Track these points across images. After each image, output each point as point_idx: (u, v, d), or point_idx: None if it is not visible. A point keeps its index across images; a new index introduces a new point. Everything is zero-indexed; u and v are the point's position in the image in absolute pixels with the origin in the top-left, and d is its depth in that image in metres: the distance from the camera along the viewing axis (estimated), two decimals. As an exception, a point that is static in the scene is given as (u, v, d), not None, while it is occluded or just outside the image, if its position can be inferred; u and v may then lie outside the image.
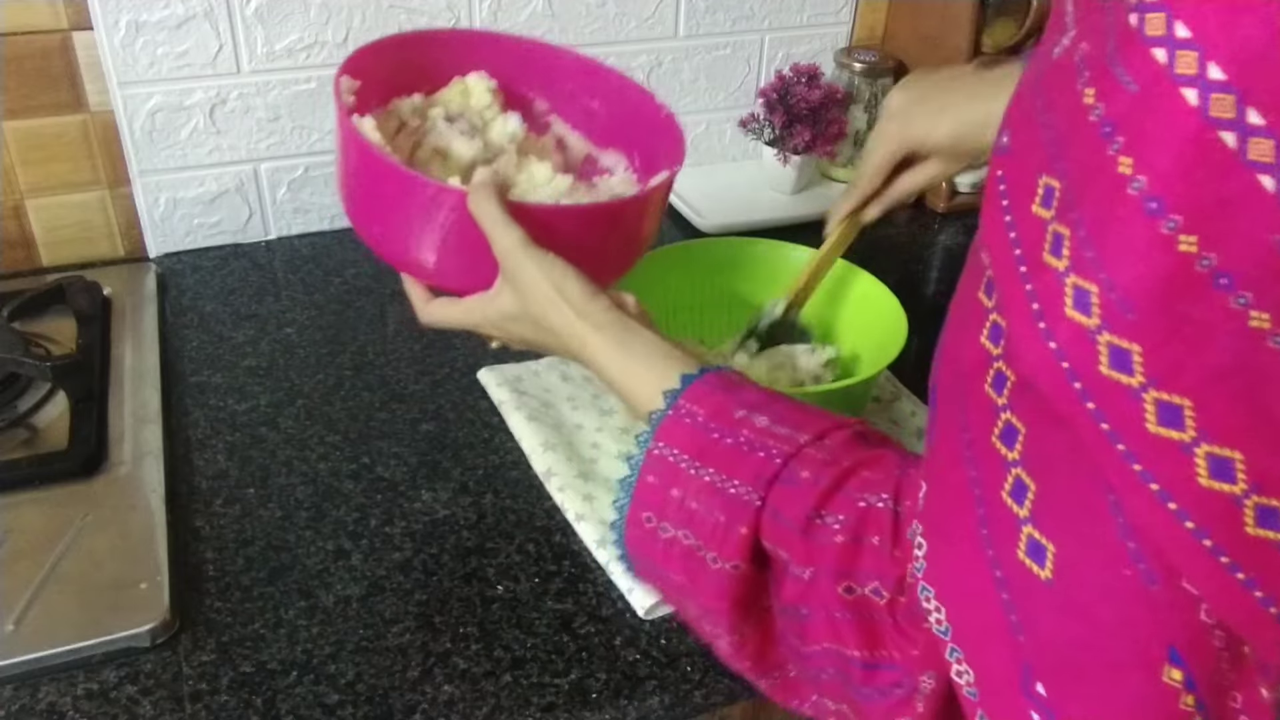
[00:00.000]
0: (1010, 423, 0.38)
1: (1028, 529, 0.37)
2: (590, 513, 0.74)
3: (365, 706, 0.61)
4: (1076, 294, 0.33)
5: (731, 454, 0.52)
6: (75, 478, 0.74)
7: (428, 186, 0.63)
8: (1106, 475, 0.34)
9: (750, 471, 0.51)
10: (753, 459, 0.51)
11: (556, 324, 0.61)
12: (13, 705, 0.60)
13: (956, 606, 0.41)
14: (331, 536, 0.73)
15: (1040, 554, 0.37)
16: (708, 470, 0.52)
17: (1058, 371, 0.34)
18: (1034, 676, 0.38)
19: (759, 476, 0.50)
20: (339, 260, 1.07)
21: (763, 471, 0.51)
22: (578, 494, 0.75)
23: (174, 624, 0.65)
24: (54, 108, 0.96)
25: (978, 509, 0.39)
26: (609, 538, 0.72)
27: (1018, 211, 0.36)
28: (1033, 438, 0.37)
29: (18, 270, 1.01)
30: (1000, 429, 0.38)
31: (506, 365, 0.89)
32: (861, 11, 1.26)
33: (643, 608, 0.67)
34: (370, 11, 1.02)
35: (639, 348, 0.59)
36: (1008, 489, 0.38)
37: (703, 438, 0.53)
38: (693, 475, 0.53)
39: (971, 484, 0.40)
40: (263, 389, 0.87)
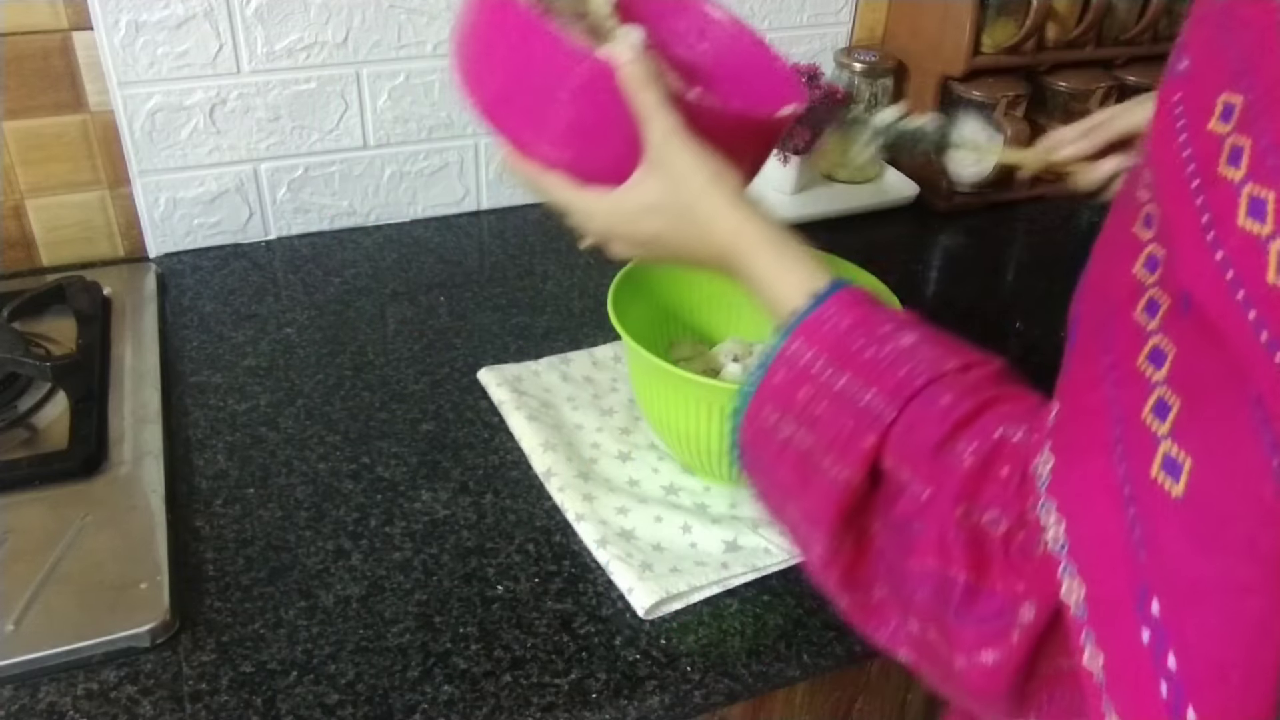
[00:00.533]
0: (1158, 346, 0.37)
1: (1165, 444, 0.36)
2: (590, 513, 0.74)
3: (365, 706, 0.61)
4: (1251, 203, 0.33)
5: (871, 365, 0.51)
6: (75, 478, 0.74)
7: (584, 58, 0.56)
8: (1259, 388, 0.33)
9: (890, 385, 0.50)
10: (893, 374, 0.50)
11: (707, 213, 0.58)
12: (13, 705, 0.60)
13: (1078, 520, 0.40)
14: (331, 536, 0.73)
15: (1175, 470, 0.36)
16: (844, 375, 0.51)
17: (1220, 282, 0.33)
18: (1150, 594, 0.37)
19: (898, 392, 0.49)
20: (339, 260, 1.07)
21: (902, 388, 0.49)
22: (578, 494, 0.75)
23: (174, 624, 0.65)
24: (54, 108, 0.96)
25: (1114, 427, 0.39)
26: (607, 536, 0.72)
27: (1193, 131, 0.36)
28: (1182, 357, 0.36)
29: (18, 270, 1.01)
30: (1147, 352, 0.38)
31: (506, 365, 0.89)
32: (861, 11, 1.26)
33: (643, 607, 0.67)
34: (370, 11, 1.02)
35: (792, 249, 0.58)
36: (1149, 407, 0.37)
37: (844, 343, 0.52)
38: (826, 379, 0.51)
39: (1109, 403, 0.39)
40: (263, 389, 0.87)
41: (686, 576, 0.69)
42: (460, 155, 1.15)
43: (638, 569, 0.69)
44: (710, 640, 0.67)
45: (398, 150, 1.11)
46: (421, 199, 1.16)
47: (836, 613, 0.57)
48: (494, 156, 1.17)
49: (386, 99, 1.08)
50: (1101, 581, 0.39)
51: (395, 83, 1.07)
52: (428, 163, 1.14)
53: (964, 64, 1.17)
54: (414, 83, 1.08)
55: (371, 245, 1.11)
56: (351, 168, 1.10)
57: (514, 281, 1.06)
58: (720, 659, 0.65)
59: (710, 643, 0.66)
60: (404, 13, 1.04)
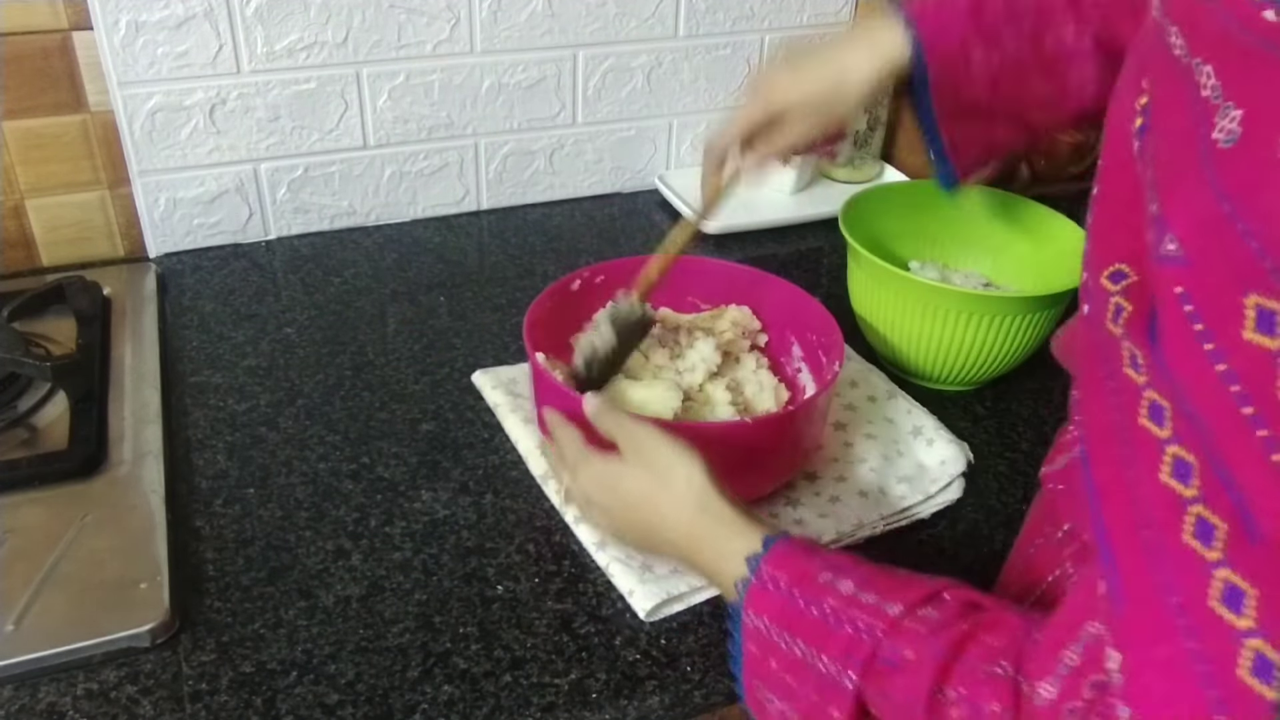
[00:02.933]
0: (1231, 583, 0.34)
1: (1273, 692, 0.33)
2: None
3: (365, 706, 0.61)
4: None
5: (818, 627, 0.50)
6: (75, 478, 0.74)
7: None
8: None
9: (839, 648, 0.49)
10: (840, 635, 0.49)
11: (682, 479, 0.61)
12: (13, 705, 0.60)
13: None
14: (331, 536, 0.73)
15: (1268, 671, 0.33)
16: (798, 643, 0.51)
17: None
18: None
19: (848, 656, 0.49)
20: (339, 260, 1.07)
21: (853, 651, 0.49)
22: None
23: (174, 624, 0.65)
24: (54, 108, 0.96)
25: (1207, 690, 0.35)
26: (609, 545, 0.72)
27: (1223, 339, 0.31)
28: (1267, 601, 0.33)
29: (18, 270, 1.01)
30: (1220, 590, 0.34)
31: (501, 368, 0.89)
32: (861, 11, 1.26)
33: (644, 610, 0.67)
34: (370, 11, 1.02)
35: (737, 524, 0.58)
36: (1246, 664, 0.34)
37: (790, 607, 0.52)
38: (785, 648, 0.52)
39: (1192, 658, 0.35)
40: (263, 389, 0.87)
41: (687, 578, 0.69)
42: (460, 155, 1.15)
43: (638, 571, 0.69)
44: (710, 640, 0.67)
45: (398, 150, 1.11)
46: (421, 199, 1.16)
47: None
48: (494, 156, 1.17)
49: (386, 99, 1.08)
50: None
51: (395, 83, 1.07)
52: (428, 163, 1.14)
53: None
54: (414, 83, 1.08)
55: (371, 245, 1.11)
56: (351, 168, 1.10)
57: (514, 281, 1.06)
58: (720, 659, 0.65)
59: (710, 643, 0.66)
60: (404, 13, 1.04)
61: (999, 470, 0.83)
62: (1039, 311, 0.83)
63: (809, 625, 0.51)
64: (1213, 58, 0.31)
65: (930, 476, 0.80)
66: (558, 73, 1.14)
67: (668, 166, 1.27)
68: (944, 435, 0.82)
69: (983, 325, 0.83)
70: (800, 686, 0.51)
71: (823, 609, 0.51)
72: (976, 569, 0.74)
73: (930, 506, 0.78)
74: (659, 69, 1.19)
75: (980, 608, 0.49)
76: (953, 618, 0.48)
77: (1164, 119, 0.34)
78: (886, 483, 0.79)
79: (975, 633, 0.47)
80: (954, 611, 0.49)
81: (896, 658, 0.48)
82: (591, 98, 1.17)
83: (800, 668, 0.51)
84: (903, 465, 0.81)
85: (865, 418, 0.85)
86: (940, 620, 0.48)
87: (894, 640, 0.48)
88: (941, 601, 0.49)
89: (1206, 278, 0.32)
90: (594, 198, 1.24)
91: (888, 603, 0.49)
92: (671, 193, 1.21)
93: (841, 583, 0.51)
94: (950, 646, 0.46)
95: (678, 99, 1.22)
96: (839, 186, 1.28)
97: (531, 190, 1.21)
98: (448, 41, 1.07)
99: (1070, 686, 0.41)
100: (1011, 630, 0.46)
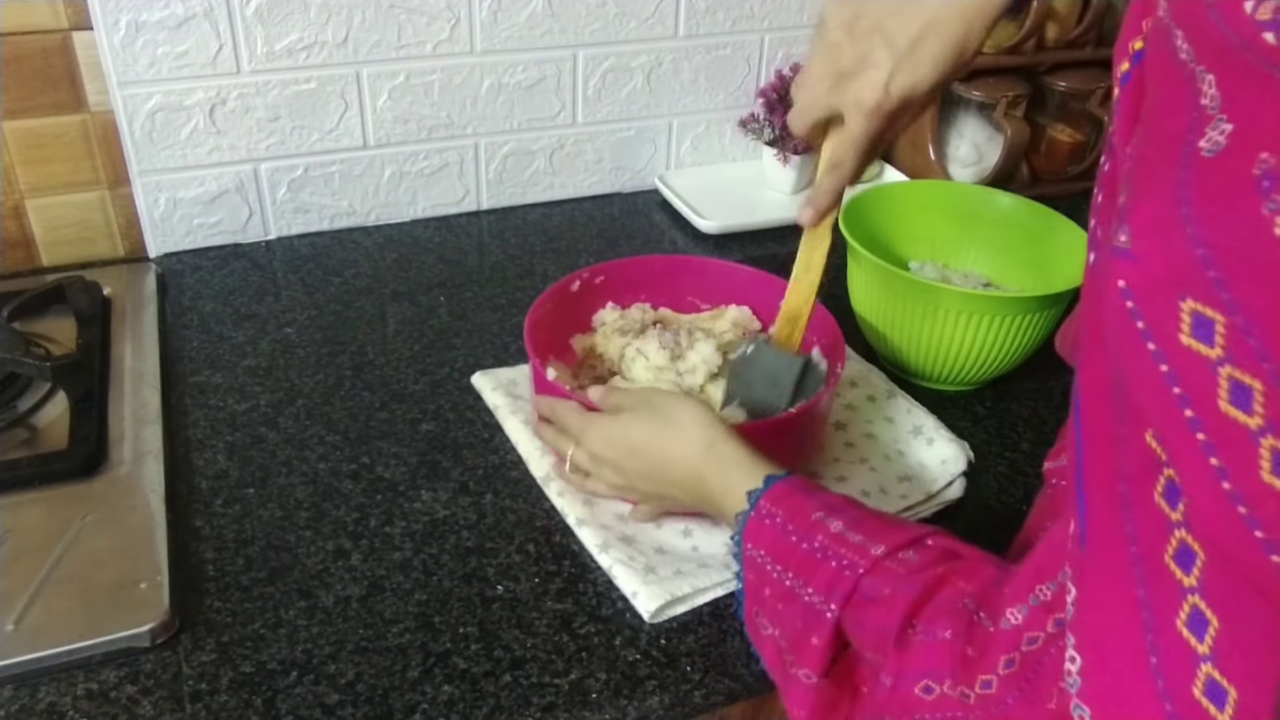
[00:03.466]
0: (1186, 543, 0.34)
1: (1207, 668, 0.34)
2: (591, 517, 0.74)
3: (365, 706, 0.61)
4: (1276, 456, 0.29)
5: (806, 559, 0.53)
6: (75, 478, 0.74)
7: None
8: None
9: (823, 581, 0.52)
10: (825, 568, 0.52)
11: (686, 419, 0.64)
12: (13, 705, 0.60)
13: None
14: (331, 536, 0.73)
15: (1220, 697, 0.34)
16: (788, 574, 0.54)
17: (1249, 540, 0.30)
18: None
19: (831, 589, 0.51)
20: (339, 260, 1.07)
21: (835, 584, 0.51)
22: (577, 499, 0.75)
23: (174, 624, 0.65)
24: (54, 108, 0.96)
25: (1146, 634, 0.36)
26: (609, 541, 0.72)
27: (1163, 341, 0.32)
28: (1213, 566, 0.34)
29: (18, 270, 1.01)
30: (1174, 549, 0.35)
31: (500, 370, 0.89)
32: None
33: (648, 611, 0.67)
34: (370, 11, 1.02)
35: (743, 458, 0.62)
36: (1184, 618, 0.35)
37: (782, 540, 0.55)
38: (776, 577, 0.54)
39: (1140, 605, 0.36)
40: (263, 389, 0.87)
41: (690, 579, 0.69)
42: (460, 155, 1.15)
43: (641, 573, 0.69)
44: (710, 640, 0.67)
45: (398, 150, 1.11)
46: (421, 199, 1.16)
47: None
48: (494, 156, 1.17)
49: (386, 99, 1.08)
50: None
51: (395, 83, 1.07)
52: (428, 163, 1.14)
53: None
54: (414, 83, 1.08)
55: (371, 245, 1.11)
56: (351, 168, 1.10)
57: (514, 281, 1.06)
58: (720, 659, 0.65)
59: (710, 643, 0.66)
60: (404, 13, 1.04)
61: (999, 470, 0.83)
62: (1039, 311, 0.83)
63: (799, 558, 0.54)
64: (1215, 67, 0.31)
65: (931, 475, 0.80)
66: (558, 73, 1.14)
67: (668, 166, 1.27)
68: (944, 434, 0.82)
69: (983, 325, 0.83)
70: (788, 613, 0.54)
71: (812, 544, 0.54)
72: (976, 569, 0.74)
73: (932, 506, 0.78)
74: (659, 69, 1.19)
75: (959, 556, 0.52)
76: (930, 562, 0.51)
77: (1158, 118, 0.34)
78: (888, 482, 0.79)
79: (949, 576, 0.49)
80: (933, 556, 0.51)
81: (874, 593, 0.50)
82: (591, 98, 1.17)
83: (789, 596, 0.54)
84: (903, 465, 0.81)
85: (865, 417, 0.85)
86: (919, 563, 0.51)
87: (874, 577, 0.51)
88: (923, 546, 0.52)
89: (1149, 276, 0.32)
90: (594, 198, 1.24)
91: (873, 543, 0.52)
92: (671, 193, 1.21)
93: (832, 521, 0.54)
94: (924, 587, 0.49)
95: (678, 99, 1.22)
96: (839, 186, 1.28)
97: (531, 190, 1.21)
98: (448, 41, 1.07)
99: (1035, 617, 0.43)
100: (984, 578, 0.48)
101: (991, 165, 1.23)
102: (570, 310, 0.84)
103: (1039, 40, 1.20)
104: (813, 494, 0.58)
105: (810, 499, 0.57)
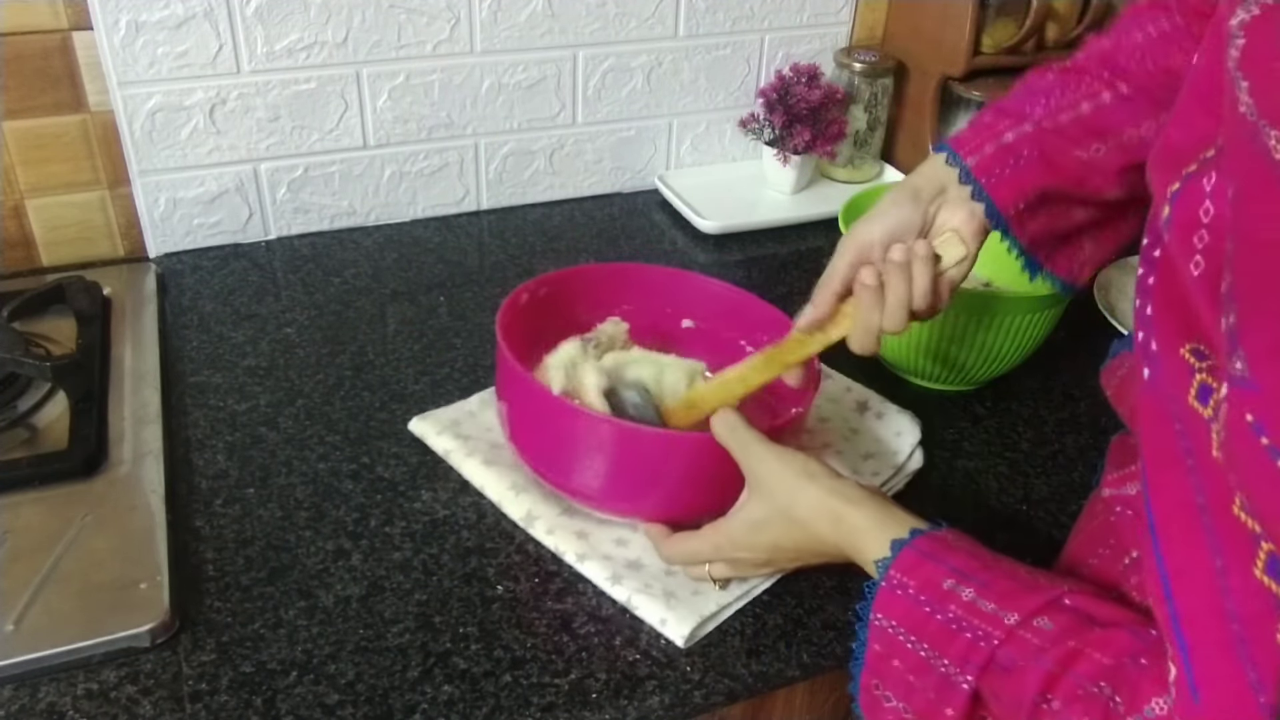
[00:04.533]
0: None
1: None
2: (590, 550, 0.71)
3: (365, 706, 0.61)
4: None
5: (941, 631, 0.53)
6: (75, 478, 0.74)
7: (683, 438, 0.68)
8: None
9: (958, 652, 0.52)
10: (960, 640, 0.52)
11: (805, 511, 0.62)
12: (13, 705, 0.60)
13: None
14: (331, 536, 0.73)
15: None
16: (922, 645, 0.54)
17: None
18: None
19: (966, 660, 0.51)
20: (339, 260, 1.07)
21: (970, 655, 0.51)
22: (570, 533, 0.72)
23: (174, 624, 0.65)
24: (54, 108, 0.96)
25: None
26: (617, 572, 0.69)
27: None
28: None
29: (18, 270, 1.01)
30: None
31: (438, 411, 0.83)
32: (861, 11, 1.26)
33: (681, 637, 0.65)
34: (370, 11, 1.02)
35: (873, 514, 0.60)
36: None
37: (915, 611, 0.54)
38: (909, 648, 0.54)
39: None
40: (263, 389, 0.87)
41: (713, 597, 0.68)
42: (460, 155, 1.15)
43: (663, 599, 0.67)
44: (710, 640, 0.67)
45: (398, 150, 1.11)
46: (421, 199, 1.16)
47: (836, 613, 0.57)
48: (494, 156, 1.17)
49: (386, 99, 1.08)
50: None
51: (395, 83, 1.07)
52: (428, 163, 1.14)
53: (964, 64, 1.17)
54: (414, 83, 1.08)
55: (371, 245, 1.11)
56: (351, 168, 1.10)
57: (514, 281, 1.06)
58: (720, 659, 0.65)
59: (710, 643, 0.66)
60: (404, 13, 1.04)
61: (999, 470, 0.83)
62: (1039, 311, 0.83)
63: (933, 629, 0.53)
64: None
65: (892, 449, 0.80)
66: (558, 73, 1.14)
67: (668, 166, 1.27)
68: (890, 407, 0.83)
69: (983, 325, 0.83)
70: (921, 686, 0.54)
71: (946, 615, 0.53)
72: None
73: (901, 479, 0.79)
74: (659, 69, 1.19)
75: (1094, 621, 0.51)
76: (1065, 630, 0.50)
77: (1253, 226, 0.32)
78: (854, 462, 0.79)
79: (1084, 649, 0.48)
80: (1067, 624, 0.50)
81: (1009, 664, 0.50)
82: (591, 98, 1.17)
83: (922, 668, 0.53)
84: (862, 443, 0.81)
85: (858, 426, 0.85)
86: (1053, 634, 0.50)
87: (1009, 648, 0.50)
88: (1059, 609, 0.51)
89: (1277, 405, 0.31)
90: (594, 198, 1.24)
91: (1006, 612, 0.52)
92: (671, 193, 1.21)
93: (963, 590, 0.54)
94: (1059, 661, 0.48)
95: (678, 99, 1.22)
96: (839, 186, 1.28)
97: (531, 190, 1.21)
98: (448, 41, 1.07)
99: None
100: (1120, 649, 0.48)
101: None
102: (546, 315, 0.81)
103: (1039, 40, 1.20)
104: (942, 558, 0.56)
105: (940, 565, 0.56)
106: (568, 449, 0.70)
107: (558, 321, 0.81)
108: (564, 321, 0.82)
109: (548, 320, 0.81)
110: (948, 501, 0.80)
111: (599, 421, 0.68)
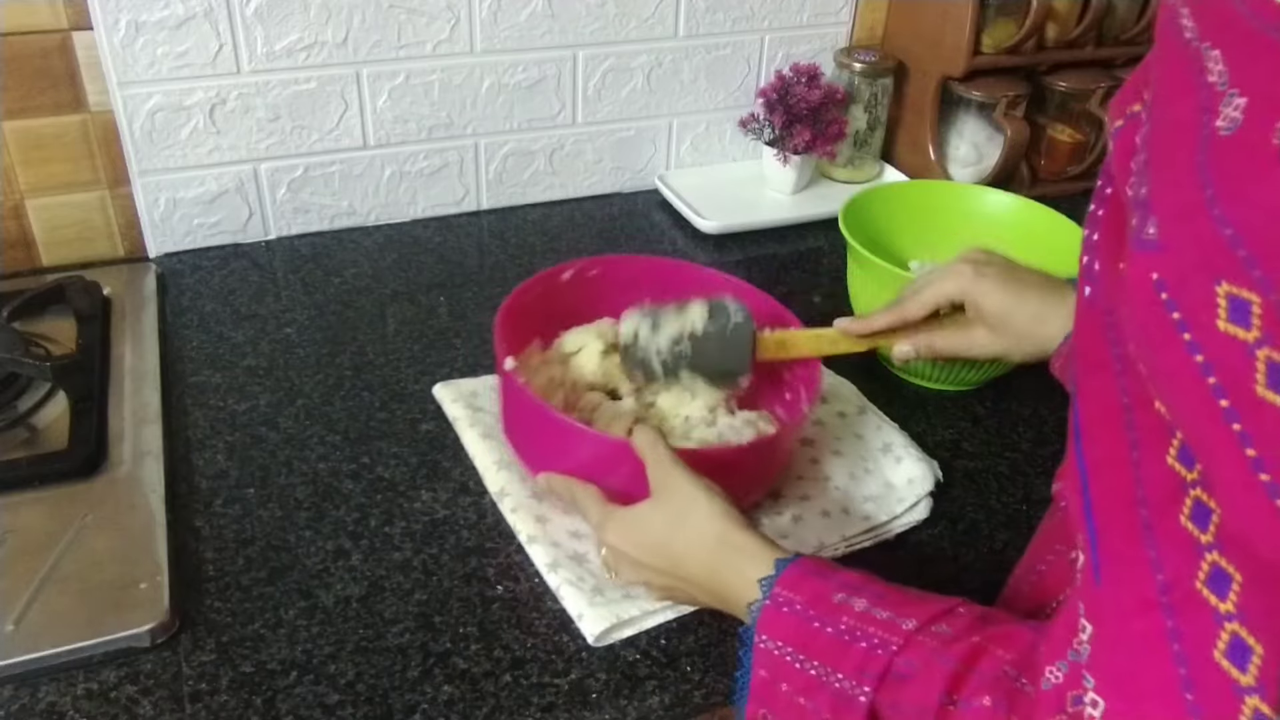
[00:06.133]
0: (1219, 566, 0.33)
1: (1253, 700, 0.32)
2: (542, 535, 0.72)
3: (365, 706, 0.61)
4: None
5: (833, 644, 0.51)
6: (75, 478, 0.74)
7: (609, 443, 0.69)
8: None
9: (854, 664, 0.50)
10: (855, 650, 0.50)
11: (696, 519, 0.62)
12: (13, 705, 0.60)
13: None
14: (331, 536, 0.73)
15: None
16: (812, 663, 0.51)
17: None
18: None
19: (862, 670, 0.49)
20: (339, 260, 1.07)
21: (867, 665, 0.49)
22: (530, 515, 0.73)
23: (174, 624, 0.65)
24: (54, 108, 0.96)
25: (1178, 668, 0.34)
26: (558, 560, 0.70)
27: (1198, 330, 0.31)
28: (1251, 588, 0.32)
29: (18, 270, 1.01)
30: (1206, 574, 0.33)
31: (462, 380, 0.87)
32: (861, 11, 1.26)
33: (592, 634, 0.65)
34: (370, 11, 1.02)
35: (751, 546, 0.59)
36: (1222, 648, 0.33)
37: (803, 627, 0.52)
38: (798, 669, 0.52)
39: (1169, 637, 0.35)
40: (263, 389, 0.87)
41: (639, 601, 0.67)
42: (460, 155, 1.15)
43: (588, 594, 0.67)
44: (710, 640, 0.67)
45: (398, 150, 1.11)
46: (421, 199, 1.16)
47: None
48: (494, 156, 1.17)
49: (386, 99, 1.08)
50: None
51: (395, 83, 1.07)
52: (428, 163, 1.14)
53: (964, 64, 1.17)
54: (414, 83, 1.08)
55: (371, 245, 1.11)
56: (351, 168, 1.10)
57: (514, 281, 1.05)
58: (720, 659, 0.65)
59: (710, 643, 0.66)
60: (404, 13, 1.04)
61: (999, 470, 0.83)
62: (1039, 311, 0.83)
63: (824, 644, 0.51)
64: (1221, 42, 0.30)
65: (897, 496, 0.78)
66: (558, 73, 1.14)
67: (668, 166, 1.27)
68: (913, 453, 0.81)
69: None
70: (813, 706, 0.51)
71: (838, 627, 0.51)
72: (977, 568, 0.74)
73: (897, 526, 0.76)
74: (659, 69, 1.19)
75: (992, 621, 0.50)
76: (964, 631, 0.49)
77: (1165, 105, 0.33)
78: (852, 502, 0.77)
79: (986, 645, 0.47)
80: (966, 624, 0.49)
81: (909, 670, 0.48)
82: (591, 98, 1.17)
83: (814, 687, 0.51)
84: (870, 484, 0.79)
85: (834, 434, 0.84)
86: (953, 634, 0.48)
87: (908, 654, 0.49)
88: (954, 615, 0.50)
89: (1181, 264, 0.31)
90: (594, 198, 1.24)
91: (902, 618, 0.50)
92: (671, 193, 1.21)
93: (855, 600, 0.52)
94: (962, 658, 0.47)
95: (678, 99, 1.22)
96: (839, 186, 1.28)
97: (531, 190, 1.21)
98: (448, 41, 1.07)
99: (1078, 674, 0.41)
100: (1021, 642, 0.47)
101: (991, 165, 1.23)
102: (550, 306, 0.83)
103: (1039, 40, 1.20)
104: (829, 574, 0.55)
105: (827, 580, 0.54)
106: (535, 442, 0.73)
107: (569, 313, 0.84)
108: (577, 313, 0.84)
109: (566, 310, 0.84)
110: (948, 501, 0.80)
111: (563, 425, 0.69)
